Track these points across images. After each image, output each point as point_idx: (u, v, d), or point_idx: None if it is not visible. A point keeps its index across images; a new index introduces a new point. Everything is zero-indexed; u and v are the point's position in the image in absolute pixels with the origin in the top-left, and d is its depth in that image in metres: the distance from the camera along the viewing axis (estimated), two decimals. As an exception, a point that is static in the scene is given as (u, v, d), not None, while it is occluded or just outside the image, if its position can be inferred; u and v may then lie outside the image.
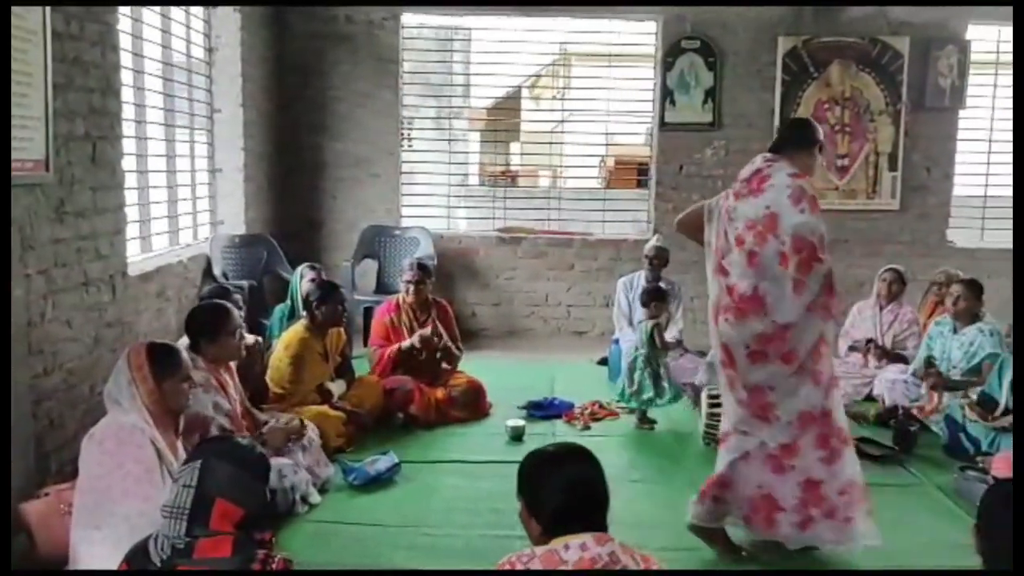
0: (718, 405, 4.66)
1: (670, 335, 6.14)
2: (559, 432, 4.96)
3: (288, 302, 5.33)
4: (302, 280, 5.21)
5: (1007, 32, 7.67)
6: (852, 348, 6.01)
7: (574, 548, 1.90)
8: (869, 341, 5.85)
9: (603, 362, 6.38)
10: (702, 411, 4.78)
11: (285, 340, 4.68)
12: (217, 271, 5.87)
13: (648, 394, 5.06)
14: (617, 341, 6.14)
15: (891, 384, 5.45)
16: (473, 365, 5.78)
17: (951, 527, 3.72)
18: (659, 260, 6.17)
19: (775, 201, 3.20)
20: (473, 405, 5.21)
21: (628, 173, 9.26)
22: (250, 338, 4.53)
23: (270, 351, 4.80)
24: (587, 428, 5.10)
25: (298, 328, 4.71)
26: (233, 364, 3.89)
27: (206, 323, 3.67)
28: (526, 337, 7.58)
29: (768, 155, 3.39)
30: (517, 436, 4.77)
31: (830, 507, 3.30)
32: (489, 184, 9.44)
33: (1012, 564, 1.97)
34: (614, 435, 4.97)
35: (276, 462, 3.62)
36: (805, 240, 3.13)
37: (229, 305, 3.81)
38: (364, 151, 7.46)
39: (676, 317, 6.35)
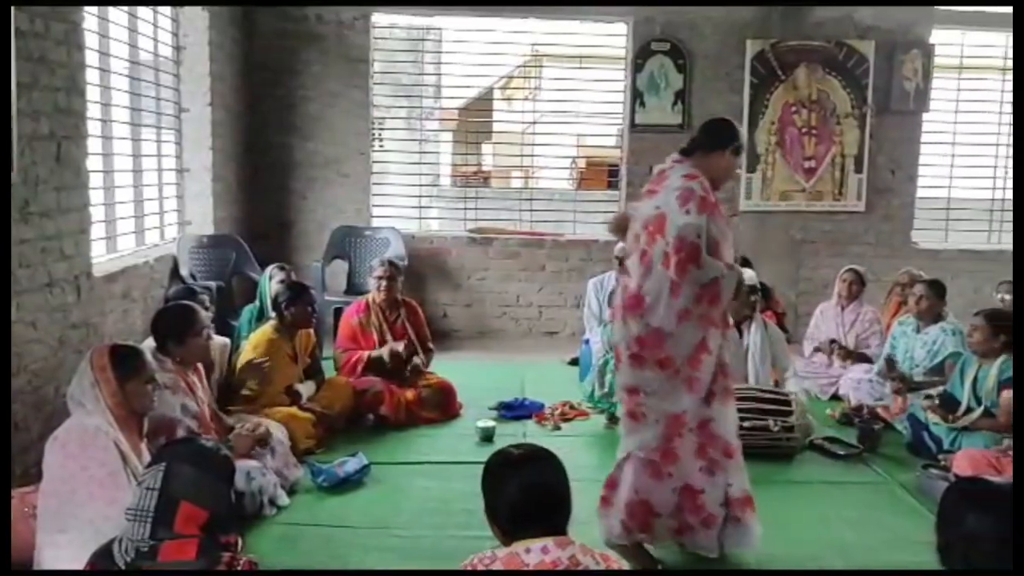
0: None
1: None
2: (529, 433, 4.98)
3: (257, 303, 5.29)
4: (271, 281, 5.18)
5: (970, 36, 7.82)
6: (817, 349, 6.10)
7: (535, 551, 1.91)
8: (832, 342, 5.94)
9: (574, 362, 6.41)
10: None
11: (254, 341, 4.65)
12: (184, 272, 5.82)
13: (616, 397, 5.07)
14: (588, 342, 6.16)
15: (856, 384, 5.54)
16: (444, 366, 5.78)
17: (914, 524, 3.78)
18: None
19: (665, 202, 3.12)
20: (443, 406, 5.21)
21: (599, 174, 9.30)
22: (219, 340, 4.51)
23: (239, 352, 4.76)
24: (557, 428, 5.12)
25: (267, 329, 4.68)
26: (201, 366, 3.87)
27: (173, 324, 3.64)
28: (497, 338, 7.59)
29: (676, 156, 3.32)
30: (487, 437, 4.78)
31: (708, 516, 3.24)
32: (461, 184, 9.45)
33: (970, 561, 2.00)
34: (584, 435, 4.99)
35: (244, 464, 3.61)
36: (685, 241, 3.01)
37: (196, 306, 3.78)
38: (334, 151, 7.43)
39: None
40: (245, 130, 7.20)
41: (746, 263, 6.27)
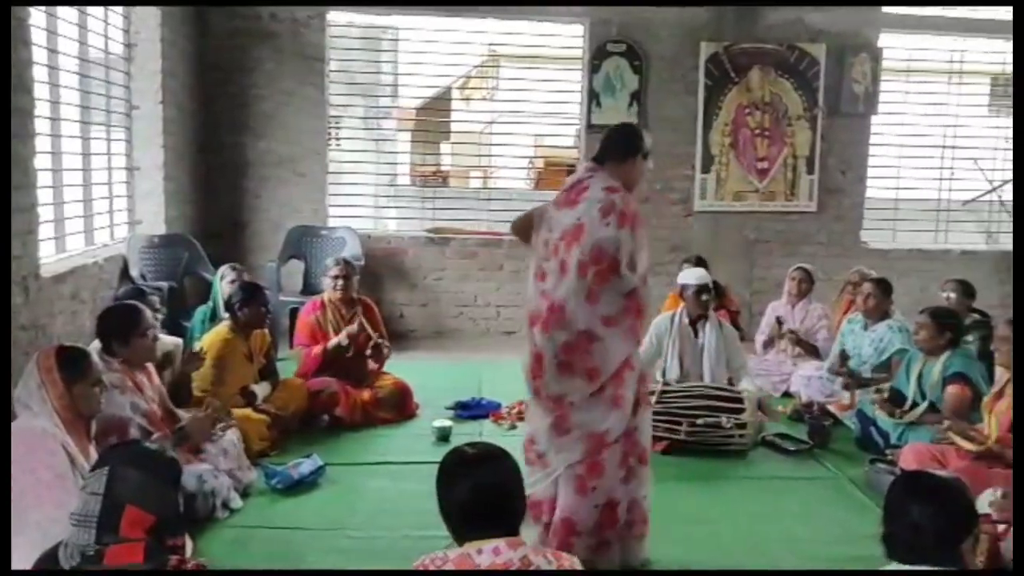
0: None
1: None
2: (486, 432, 4.99)
3: (210, 304, 5.23)
4: (223, 281, 5.12)
5: (917, 40, 8.01)
6: (767, 344, 6.19)
7: (487, 552, 1.91)
8: (779, 321, 6.02)
9: (531, 362, 6.42)
10: (626, 409, 4.85)
11: (207, 342, 4.59)
12: (135, 272, 5.72)
13: None
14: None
15: (807, 380, 5.64)
16: (401, 366, 5.76)
17: (861, 517, 3.86)
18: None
19: (586, 213, 3.15)
20: (400, 406, 5.20)
21: (557, 174, 9.33)
22: (169, 340, 4.45)
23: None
24: (514, 427, 5.12)
25: (220, 330, 4.63)
26: (152, 365, 3.81)
27: (117, 325, 3.59)
28: (455, 338, 7.59)
29: (590, 164, 3.36)
30: (444, 437, 4.78)
31: (622, 527, 3.28)
32: (420, 184, 9.43)
33: (915, 551, 2.06)
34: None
35: (196, 467, 3.58)
36: (605, 253, 3.08)
37: (140, 306, 3.72)
38: (289, 150, 7.36)
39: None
40: (198, 128, 7.10)
41: (701, 263, 6.36)
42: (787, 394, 5.80)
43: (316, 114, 7.38)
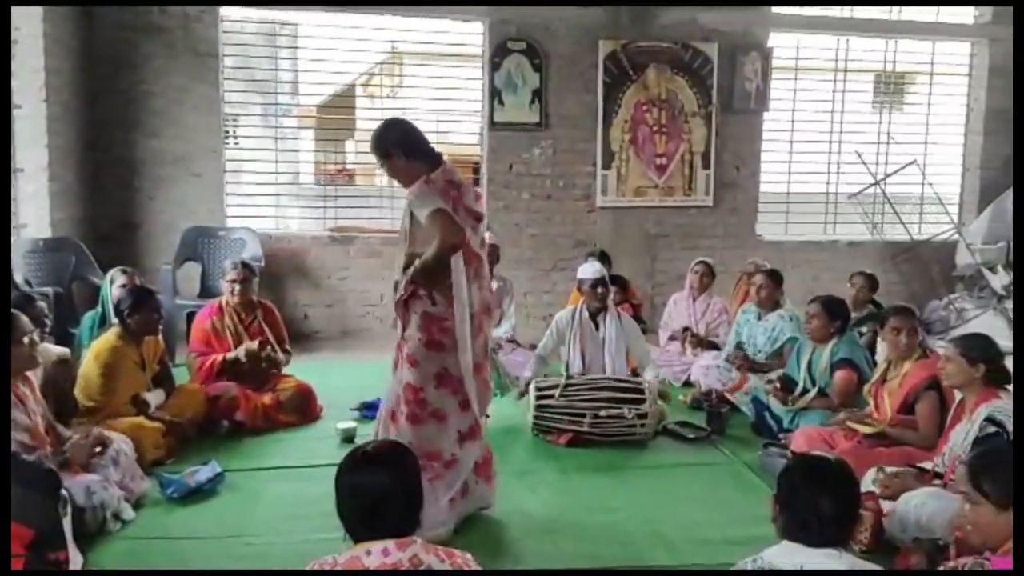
0: (547, 397, 4.83)
1: (502, 331, 6.28)
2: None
3: (98, 309, 5.02)
4: (112, 285, 4.92)
5: (805, 40, 8.32)
6: (671, 338, 6.36)
7: (376, 554, 1.90)
8: (685, 329, 6.21)
9: (438, 359, 6.40)
10: (531, 403, 4.91)
11: (96, 349, 4.41)
12: (19, 278, 5.44)
13: None
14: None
15: (705, 370, 5.81)
16: (305, 368, 5.67)
17: (755, 500, 3.98)
18: (491, 256, 6.25)
19: None
20: (303, 409, 5.11)
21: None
22: (56, 349, 4.27)
23: (80, 362, 4.51)
24: (420, 425, 5.10)
25: (109, 336, 4.45)
26: (33, 377, 3.64)
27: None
28: (361, 337, 7.50)
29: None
30: (348, 438, 4.72)
31: None
32: (326, 183, 9.28)
33: (809, 529, 2.14)
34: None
35: (83, 479, 3.44)
36: None
37: (16, 313, 3.54)
38: (183, 149, 7.13)
39: (509, 313, 6.49)
40: (85, 127, 6.81)
41: (604, 257, 6.48)
42: (688, 383, 5.95)
43: (210, 111, 7.17)
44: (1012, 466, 2.25)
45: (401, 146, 3.63)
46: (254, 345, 5.04)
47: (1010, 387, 3.69)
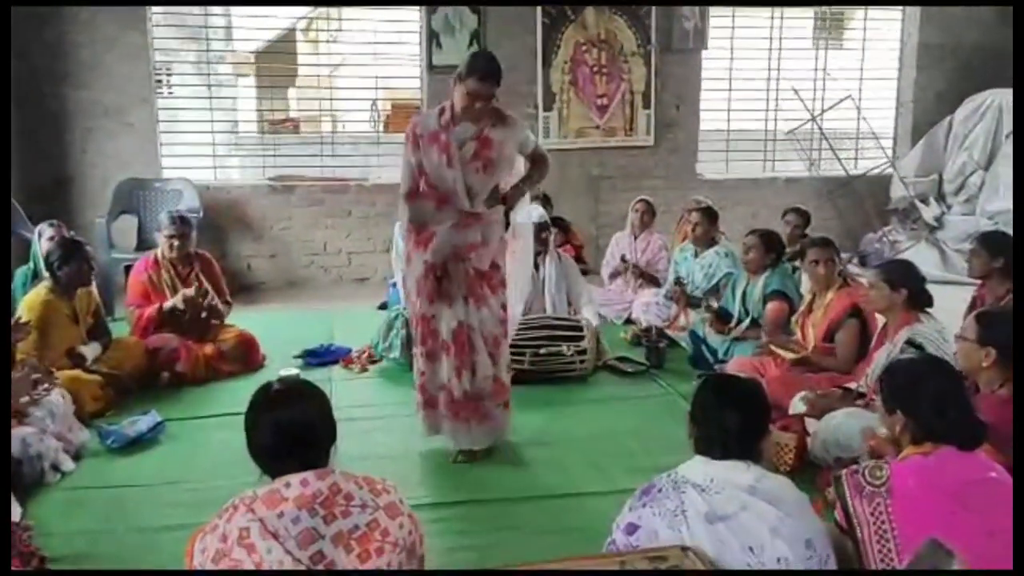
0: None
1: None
2: (336, 377, 4.99)
3: (30, 264, 4.94)
4: (41, 239, 4.84)
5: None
6: (612, 275, 6.45)
7: (295, 484, 1.93)
8: (624, 259, 6.29)
9: (383, 307, 6.43)
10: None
11: (28, 303, 4.35)
12: (-55, 235, 5.33)
13: (395, 355, 5.04)
14: (395, 284, 6.20)
15: (645, 307, 5.92)
16: (249, 318, 5.67)
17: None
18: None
19: None
20: (244, 358, 5.11)
21: (404, 116, 9.24)
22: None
23: (13, 316, 4.44)
24: (364, 371, 5.15)
25: (40, 291, 4.39)
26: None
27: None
28: (306, 287, 7.48)
29: None
30: (291, 384, 4.74)
31: None
32: (269, 132, 9.13)
33: (728, 448, 2.23)
34: (388, 376, 5.05)
35: (19, 431, 3.44)
36: None
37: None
38: (114, 99, 6.95)
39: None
40: (13, 82, 6.58)
41: (546, 200, 6.51)
42: (629, 320, 6.07)
43: (140, 59, 6.98)
44: (913, 377, 2.39)
45: None
46: (191, 291, 4.99)
47: (931, 311, 3.85)
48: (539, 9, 7.51)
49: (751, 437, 2.28)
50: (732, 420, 2.25)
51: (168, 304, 4.98)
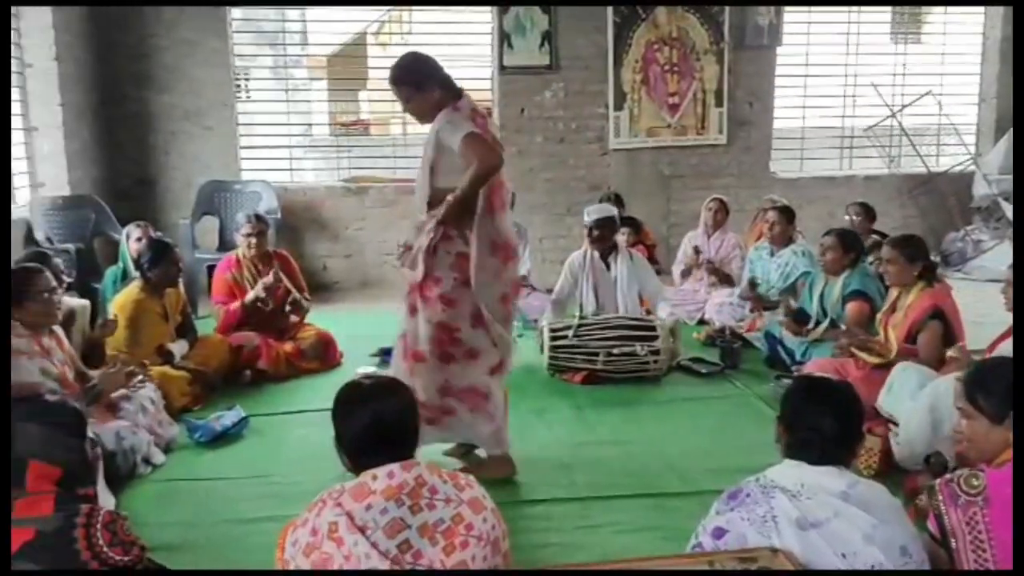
0: (560, 338, 4.91)
1: (519, 274, 6.32)
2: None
3: (119, 264, 5.12)
4: (129, 240, 5.02)
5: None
6: (684, 273, 6.38)
7: (382, 477, 1.97)
8: (697, 252, 6.21)
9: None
10: (545, 344, 4.98)
11: (119, 303, 4.52)
12: (40, 235, 5.57)
13: None
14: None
15: (719, 307, 5.85)
16: (325, 318, 5.77)
17: (767, 429, 3.89)
18: (504, 202, 6.29)
19: None
20: (323, 356, 5.22)
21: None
22: (75, 302, 4.37)
23: (105, 315, 4.63)
24: (439, 368, 5.20)
25: (132, 290, 4.56)
26: (59, 329, 3.76)
27: (11, 288, 3.51)
28: (380, 287, 7.59)
29: None
30: (368, 382, 4.82)
31: None
32: (341, 134, 9.30)
33: (812, 450, 2.18)
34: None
35: (113, 425, 3.57)
36: None
37: (37, 268, 3.64)
38: (195, 103, 7.17)
39: (524, 257, 6.52)
40: (97, 83, 6.86)
41: (618, 200, 6.49)
42: (702, 321, 6.00)
43: (221, 64, 7.19)
44: (1006, 380, 2.28)
45: (425, 77, 3.51)
46: (270, 279, 5.11)
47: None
48: (610, 8, 7.48)
49: (847, 442, 2.21)
50: (827, 424, 2.18)
51: (250, 296, 5.12)
